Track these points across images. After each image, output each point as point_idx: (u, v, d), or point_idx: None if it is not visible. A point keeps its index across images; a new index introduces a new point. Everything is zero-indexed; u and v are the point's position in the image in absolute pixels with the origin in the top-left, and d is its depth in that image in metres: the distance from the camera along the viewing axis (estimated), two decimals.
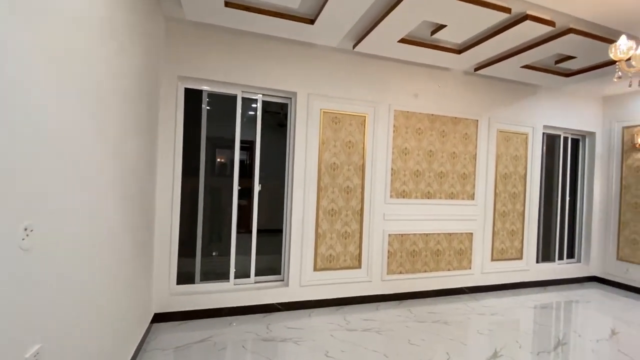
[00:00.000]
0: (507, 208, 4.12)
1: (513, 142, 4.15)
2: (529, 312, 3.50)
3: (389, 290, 3.56)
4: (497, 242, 4.08)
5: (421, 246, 3.71)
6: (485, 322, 3.15)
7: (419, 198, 3.68)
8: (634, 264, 4.21)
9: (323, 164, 3.32)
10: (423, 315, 3.23)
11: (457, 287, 3.87)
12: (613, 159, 4.49)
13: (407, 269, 3.65)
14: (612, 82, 3.97)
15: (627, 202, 4.33)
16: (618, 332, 3.02)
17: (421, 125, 3.69)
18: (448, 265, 3.84)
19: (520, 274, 4.20)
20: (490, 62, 3.47)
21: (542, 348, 2.67)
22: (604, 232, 4.55)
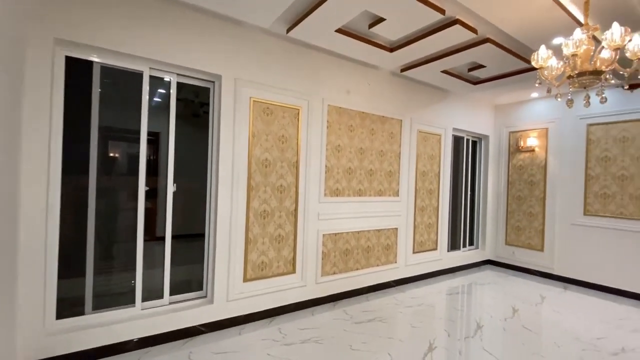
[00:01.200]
0: (425, 203, 4.43)
1: (429, 142, 4.47)
2: (447, 299, 3.80)
3: (323, 293, 3.41)
4: (418, 235, 4.34)
5: (353, 244, 3.67)
6: (415, 314, 3.27)
7: (351, 196, 3.62)
8: (518, 247, 5.03)
9: (254, 160, 2.95)
10: (359, 315, 3.17)
11: (386, 282, 3.97)
12: (502, 158, 5.28)
13: (340, 269, 3.56)
14: (502, 92, 4.63)
15: (513, 196, 5.14)
16: (518, 309, 3.50)
17: (353, 122, 3.63)
18: (377, 261, 3.90)
19: (435, 263, 4.57)
20: (416, 65, 3.61)
21: (466, 333, 2.88)
22: (496, 221, 5.33)
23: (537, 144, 4.86)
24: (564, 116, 4.58)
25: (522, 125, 5.05)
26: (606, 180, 4.19)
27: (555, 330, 3.00)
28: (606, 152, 4.20)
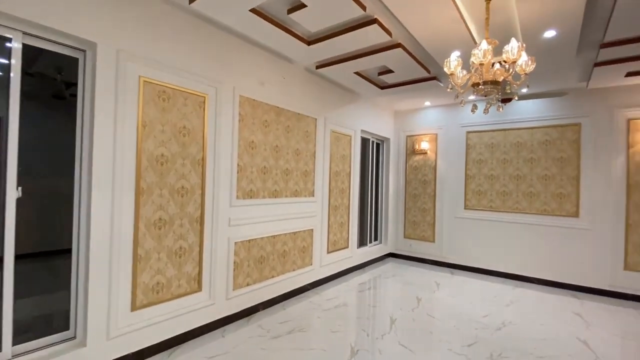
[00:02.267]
0: (338, 202, 4.45)
1: (342, 143, 4.51)
2: (360, 296, 3.86)
3: (235, 308, 3.01)
4: (331, 234, 4.32)
5: (269, 250, 3.37)
6: (333, 317, 3.18)
7: (266, 198, 3.31)
8: (414, 239, 5.57)
9: (145, 156, 2.35)
10: (276, 328, 2.89)
11: (302, 286, 3.80)
12: (401, 160, 5.76)
13: (254, 279, 3.21)
14: (402, 99, 5.03)
15: (409, 193, 5.67)
16: (421, 297, 3.80)
17: (268, 117, 3.33)
18: (293, 265, 3.69)
19: (347, 261, 4.65)
20: (331, 63, 3.54)
21: (383, 330, 2.93)
22: (396, 217, 5.79)
23: (429, 148, 5.46)
24: (449, 124, 5.26)
25: (417, 130, 5.61)
26: (480, 179, 4.98)
27: (452, 314, 3.34)
28: (480, 155, 5.00)
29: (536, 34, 2.71)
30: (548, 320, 3.25)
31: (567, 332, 2.98)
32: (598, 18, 2.55)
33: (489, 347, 2.67)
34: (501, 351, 2.61)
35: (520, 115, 4.59)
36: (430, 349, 2.62)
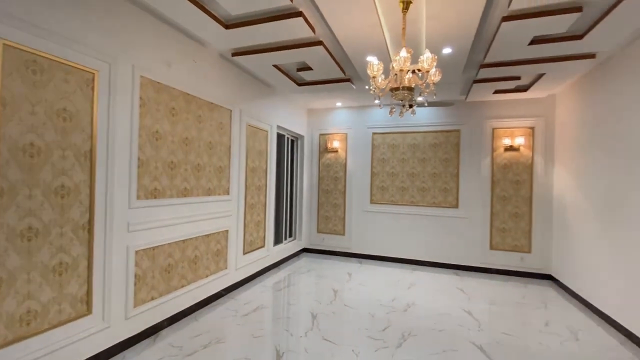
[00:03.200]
0: (255, 200, 4.25)
1: (258, 138, 4.32)
2: (279, 295, 3.79)
3: (138, 328, 2.55)
4: (248, 234, 4.11)
5: (178, 257, 2.97)
6: (253, 321, 3.02)
7: (174, 197, 2.91)
8: (326, 234, 5.78)
9: (6, 145, 1.75)
10: (190, 344, 2.57)
11: (216, 292, 3.49)
12: (314, 157, 5.89)
13: (161, 291, 2.79)
14: (317, 98, 5.14)
15: (322, 189, 5.85)
16: (336, 289, 3.96)
17: (176, 104, 2.92)
18: (206, 271, 3.36)
19: (263, 260, 4.50)
20: (249, 51, 3.33)
21: (306, 328, 2.92)
22: (309, 213, 5.90)
23: (340, 146, 5.73)
24: (358, 125, 5.63)
25: (329, 129, 5.82)
26: (383, 176, 5.48)
27: (365, 301, 3.58)
28: (383, 154, 5.50)
29: (437, 49, 3.10)
30: (440, 297, 3.80)
31: (456, 306, 3.54)
32: (482, 42, 3.08)
33: (400, 328, 2.95)
34: (410, 330, 2.91)
35: (416, 121, 5.23)
36: (352, 339, 2.74)
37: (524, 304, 3.65)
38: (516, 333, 2.94)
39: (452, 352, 2.57)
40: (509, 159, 4.80)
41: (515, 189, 4.76)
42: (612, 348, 2.70)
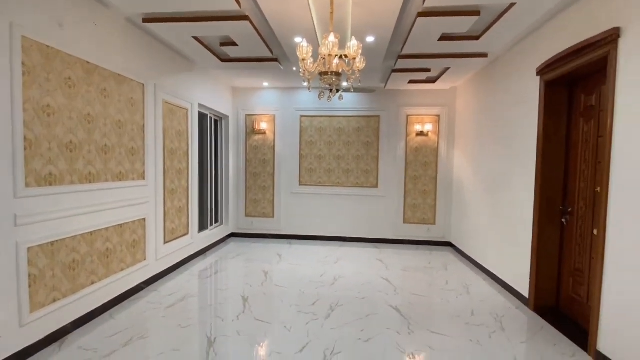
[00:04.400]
0: (175, 185, 3.94)
1: (177, 116, 3.97)
2: (206, 282, 3.66)
3: (38, 335, 2.20)
4: (168, 222, 3.81)
5: (85, 251, 2.61)
6: (179, 311, 2.88)
7: (76, 183, 2.51)
8: (255, 217, 5.72)
9: None
10: (106, 344, 2.34)
11: (133, 287, 3.20)
12: (241, 139, 5.68)
13: (65, 291, 2.43)
14: (242, 76, 4.93)
15: (250, 172, 5.72)
16: (267, 271, 4.00)
17: (73, 74, 2.47)
18: (121, 264, 3.04)
19: (187, 248, 4.26)
20: (164, 19, 2.99)
21: (237, 311, 2.91)
22: (237, 197, 5.74)
23: (267, 128, 5.64)
24: (286, 107, 5.60)
25: (256, 110, 5.65)
26: (311, 158, 5.62)
27: (296, 279, 3.72)
28: (311, 137, 5.61)
29: (362, 36, 3.24)
30: (363, 269, 4.16)
31: (376, 275, 3.93)
32: (401, 34, 3.32)
33: (328, 301, 3.16)
34: (337, 301, 3.15)
35: (342, 106, 5.43)
36: (284, 316, 2.84)
37: (430, 268, 4.25)
38: (424, 293, 3.42)
39: (374, 315, 2.87)
40: (420, 143, 5.38)
41: (424, 170, 5.40)
42: (492, 296, 3.36)
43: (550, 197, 2.97)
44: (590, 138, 2.67)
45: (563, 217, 2.95)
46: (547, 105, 2.92)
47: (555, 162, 2.95)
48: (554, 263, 3.02)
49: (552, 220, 2.98)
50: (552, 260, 3.02)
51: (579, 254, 2.77)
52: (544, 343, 2.47)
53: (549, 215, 2.98)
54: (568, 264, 2.91)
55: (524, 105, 3.24)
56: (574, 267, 2.84)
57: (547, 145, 2.94)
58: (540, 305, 3.01)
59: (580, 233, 2.77)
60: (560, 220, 2.97)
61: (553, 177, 2.96)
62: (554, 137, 2.94)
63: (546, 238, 3.00)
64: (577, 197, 2.81)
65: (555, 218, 2.98)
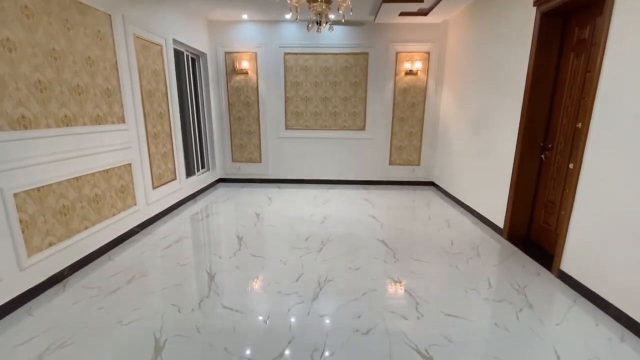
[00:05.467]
0: (157, 129, 3.79)
1: (151, 54, 3.65)
2: (199, 225, 3.75)
3: (40, 278, 2.27)
4: (155, 167, 3.75)
5: (73, 197, 2.58)
6: (176, 252, 2.99)
7: (52, 127, 2.38)
8: (242, 162, 5.69)
9: None
10: (110, 283, 2.44)
11: (128, 230, 3.25)
12: (221, 79, 5.37)
13: (60, 236, 2.45)
14: (215, 6, 4.47)
15: (234, 116, 5.53)
16: (258, 213, 4.11)
17: (29, 2, 2.17)
18: (113, 210, 3.04)
19: (176, 194, 4.27)
20: None
21: (233, 249, 3.05)
22: (222, 142, 5.61)
23: (249, 67, 5.32)
24: (268, 43, 5.22)
25: (236, 47, 5.26)
26: (297, 101, 5.44)
27: (287, 219, 3.86)
28: (296, 77, 5.36)
29: None
30: (351, 208, 4.34)
31: (363, 213, 4.12)
32: None
33: (319, 237, 3.34)
34: (328, 237, 3.33)
35: (328, 42, 5.11)
36: (279, 251, 3.00)
37: (414, 206, 4.48)
38: (408, 227, 3.66)
39: (362, 248, 3.08)
40: (408, 82, 5.26)
41: (412, 111, 5.36)
42: (471, 229, 3.63)
43: (533, 134, 3.07)
44: (578, 73, 2.68)
45: (542, 153, 3.08)
46: (540, 39, 2.85)
47: (542, 98, 2.98)
48: (529, 196, 3.24)
49: (532, 157, 3.12)
50: (527, 194, 3.23)
51: (553, 187, 2.96)
52: (514, 265, 2.76)
53: (530, 151, 3.10)
54: (542, 197, 3.13)
55: (516, 41, 3.15)
56: (547, 200, 3.06)
57: (536, 82, 2.94)
58: (513, 235, 3.30)
59: (557, 167, 2.93)
60: (540, 155, 3.11)
61: (538, 113, 3.02)
62: (544, 73, 2.92)
63: (525, 173, 3.16)
64: (558, 134, 2.91)
65: (535, 154, 3.11)
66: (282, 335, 1.87)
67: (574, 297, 2.29)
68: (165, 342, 1.81)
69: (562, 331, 1.93)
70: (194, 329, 1.92)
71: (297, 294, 2.29)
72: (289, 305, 2.16)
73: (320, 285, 2.42)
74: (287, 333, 1.89)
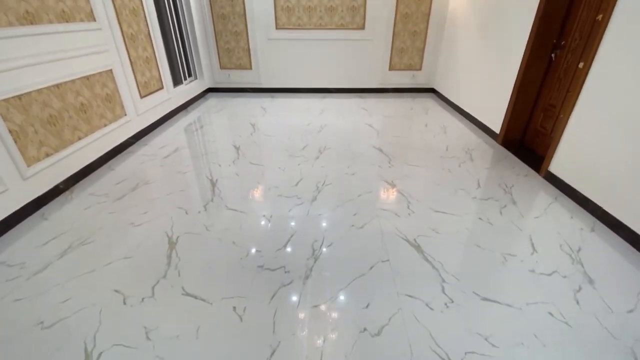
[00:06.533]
0: (134, 30, 3.41)
1: None
2: (195, 135, 3.71)
3: (45, 186, 2.33)
4: (139, 75, 3.50)
5: (58, 106, 2.46)
6: (175, 161, 3.02)
7: (14, 24, 2.11)
8: (231, 69, 5.31)
9: None
10: (115, 190, 2.53)
11: (123, 142, 3.22)
12: None
13: (55, 146, 2.43)
14: None
15: (217, 14, 4.92)
16: (254, 123, 4.04)
17: None
18: (103, 120, 2.95)
19: (166, 104, 4.10)
20: None
21: (232, 157, 3.08)
22: (207, 46, 5.13)
23: None
24: None
25: None
26: None
27: (284, 129, 3.82)
28: None
29: None
30: (348, 117, 4.26)
31: (360, 122, 4.07)
32: None
33: (316, 145, 3.36)
34: (325, 145, 3.35)
35: None
36: (276, 160, 3.05)
37: (411, 114, 4.40)
38: (404, 135, 3.66)
39: (358, 155, 3.14)
40: None
41: (417, 5, 4.79)
42: (466, 135, 3.65)
43: (547, 29, 2.81)
44: None
45: (553, 52, 2.88)
46: None
47: None
48: (530, 100, 3.16)
49: (541, 56, 2.93)
50: (529, 98, 3.15)
51: (557, 90, 2.87)
52: (504, 168, 2.87)
53: (540, 50, 2.90)
54: (543, 101, 3.05)
55: None
56: (548, 103, 3.00)
57: None
58: (507, 140, 3.34)
59: (565, 68, 2.78)
60: (550, 55, 2.91)
61: (558, 5, 2.72)
62: None
63: (530, 76, 3.02)
64: (575, 29, 2.67)
65: (545, 53, 2.92)
66: (284, 231, 2.04)
67: (555, 195, 2.45)
68: (177, 239, 1.97)
69: (539, 223, 2.13)
70: (203, 228, 2.08)
71: (297, 197, 2.42)
72: (290, 207, 2.30)
73: (319, 188, 2.53)
74: (289, 229, 2.06)
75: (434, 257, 1.82)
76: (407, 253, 1.85)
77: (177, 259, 1.82)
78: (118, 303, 1.54)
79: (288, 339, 1.36)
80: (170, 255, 1.84)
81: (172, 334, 1.38)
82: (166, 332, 1.39)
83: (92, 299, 1.55)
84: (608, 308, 1.51)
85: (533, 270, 1.73)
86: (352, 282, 1.65)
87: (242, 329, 1.41)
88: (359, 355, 1.29)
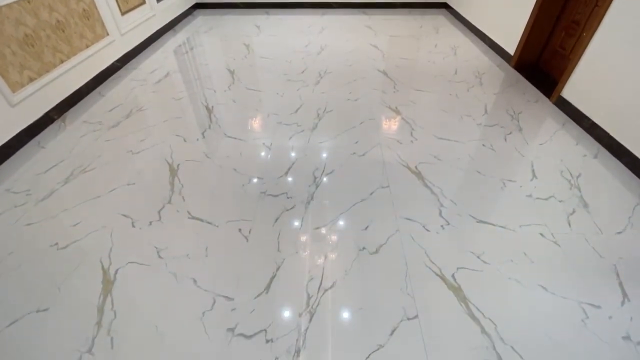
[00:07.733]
0: None
1: None
2: (186, 58, 3.44)
3: (35, 114, 2.25)
4: None
5: (33, 24, 2.22)
6: (168, 86, 2.86)
7: None
8: None
9: None
10: (109, 117, 2.45)
11: (109, 65, 3.01)
12: None
13: (37, 70, 2.27)
14: None
15: None
16: (248, 43, 3.72)
17: None
18: (84, 40, 2.71)
19: (151, 22, 3.72)
20: None
21: (228, 82, 2.91)
22: None
23: None
24: None
25: None
26: None
27: (281, 51, 3.53)
28: None
29: None
30: (350, 36, 3.91)
31: (364, 42, 3.74)
32: None
33: (316, 69, 3.14)
34: (325, 69, 3.14)
35: None
36: (274, 85, 2.89)
37: (420, 33, 4.03)
38: (411, 57, 3.40)
39: (361, 79, 2.96)
40: None
41: None
42: (478, 57, 3.39)
43: None
44: None
45: None
46: None
47: None
48: (552, 16, 2.85)
49: None
50: (552, 13, 2.83)
51: (585, 4, 2.56)
52: (515, 93, 2.73)
53: None
54: (567, 17, 2.75)
55: None
56: (571, 20, 2.70)
57: None
58: (521, 62, 3.11)
59: None
60: None
61: None
62: None
63: None
64: None
65: None
66: (285, 158, 2.03)
67: (563, 121, 2.38)
68: (178, 166, 1.97)
69: (543, 150, 2.10)
70: (203, 155, 2.06)
71: (297, 124, 2.35)
72: (290, 134, 2.24)
73: (319, 116, 2.44)
74: (290, 156, 2.04)
75: (433, 183, 1.84)
76: (407, 179, 1.86)
77: (180, 185, 1.84)
78: (127, 226, 1.60)
79: (292, 256, 1.45)
80: (173, 182, 1.86)
81: (182, 253, 1.46)
82: (176, 251, 1.48)
83: (102, 223, 1.61)
84: (598, 230, 1.57)
85: (530, 195, 1.76)
86: (352, 207, 1.69)
87: (248, 247, 1.49)
88: (357, 270, 1.39)
